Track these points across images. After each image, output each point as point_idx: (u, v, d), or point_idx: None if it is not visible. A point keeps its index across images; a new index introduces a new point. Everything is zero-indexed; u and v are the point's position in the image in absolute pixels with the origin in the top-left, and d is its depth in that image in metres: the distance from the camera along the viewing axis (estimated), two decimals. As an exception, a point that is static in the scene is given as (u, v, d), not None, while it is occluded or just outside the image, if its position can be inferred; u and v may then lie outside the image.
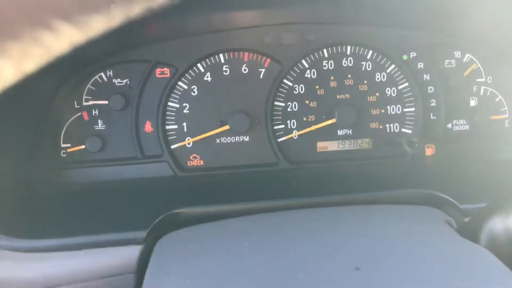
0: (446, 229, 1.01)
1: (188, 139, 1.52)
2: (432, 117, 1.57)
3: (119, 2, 0.36)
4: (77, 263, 1.06)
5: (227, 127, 1.51)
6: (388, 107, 1.56)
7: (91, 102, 1.49)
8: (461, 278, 0.79)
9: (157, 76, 1.49)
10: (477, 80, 1.57)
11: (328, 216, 1.07)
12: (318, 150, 1.56)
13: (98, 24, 0.32)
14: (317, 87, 1.54)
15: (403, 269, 0.82)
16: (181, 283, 0.83)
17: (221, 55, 1.51)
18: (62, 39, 0.30)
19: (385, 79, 1.55)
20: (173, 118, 1.51)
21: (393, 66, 1.55)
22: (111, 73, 1.49)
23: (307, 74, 1.54)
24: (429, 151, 1.56)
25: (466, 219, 1.11)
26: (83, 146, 1.49)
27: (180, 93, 1.51)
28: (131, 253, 1.06)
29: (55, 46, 0.30)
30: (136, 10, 0.36)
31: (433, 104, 1.56)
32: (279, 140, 1.55)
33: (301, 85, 1.54)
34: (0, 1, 0.29)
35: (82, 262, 1.06)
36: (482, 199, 1.12)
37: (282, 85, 1.53)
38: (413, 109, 1.56)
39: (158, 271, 0.92)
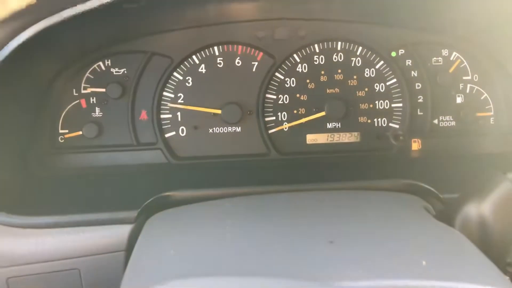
0: (422, 212, 1.06)
1: (182, 128, 1.58)
2: (419, 113, 1.62)
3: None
4: (72, 239, 1.12)
5: (218, 111, 1.56)
6: (377, 102, 1.61)
7: (89, 90, 1.54)
8: (433, 255, 0.84)
9: (153, 66, 1.55)
10: (464, 78, 1.62)
11: (311, 199, 1.12)
12: (307, 142, 1.61)
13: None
14: (308, 81, 1.59)
15: (376, 244, 0.87)
16: (166, 254, 0.88)
17: (215, 48, 1.57)
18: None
19: (374, 75, 1.60)
20: (168, 107, 1.57)
21: (382, 62, 1.60)
22: (109, 62, 1.54)
23: (299, 68, 1.59)
24: (415, 146, 1.61)
25: (444, 206, 1.16)
26: (80, 132, 1.54)
27: (175, 84, 1.56)
28: (123, 232, 1.12)
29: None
30: None
31: (420, 100, 1.61)
32: (270, 131, 1.60)
33: (293, 78, 1.59)
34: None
35: (76, 239, 1.12)
36: (462, 189, 1.17)
37: (274, 78, 1.59)
38: (400, 104, 1.61)
39: (144, 245, 0.97)
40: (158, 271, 0.81)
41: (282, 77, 1.59)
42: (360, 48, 1.59)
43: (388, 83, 1.61)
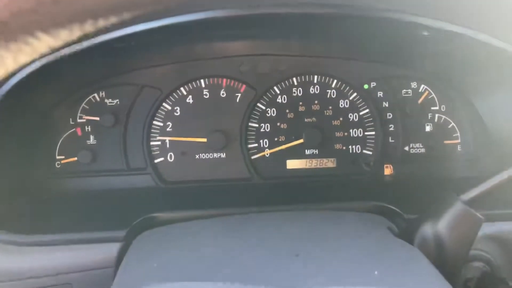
0: (384, 231, 1.17)
1: (170, 154, 1.69)
2: (390, 140, 1.74)
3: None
4: (65, 256, 1.19)
5: (204, 140, 1.68)
6: (351, 130, 1.73)
7: (84, 119, 1.66)
8: (387, 267, 0.94)
9: (144, 97, 1.67)
10: (432, 108, 1.75)
11: (283, 219, 1.22)
12: (287, 167, 1.72)
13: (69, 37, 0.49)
14: (287, 111, 1.71)
15: (337, 257, 0.97)
16: (149, 267, 0.99)
17: (202, 81, 1.69)
18: (43, 43, 0.47)
19: (348, 105, 1.73)
20: (157, 135, 1.68)
21: (355, 94, 1.72)
22: (103, 94, 1.66)
23: (279, 99, 1.72)
24: (387, 171, 1.73)
25: (404, 225, 1.27)
26: (76, 158, 1.65)
27: (164, 113, 1.68)
28: (112, 249, 1.19)
29: (38, 47, 0.47)
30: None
31: (391, 128, 1.74)
32: (253, 157, 1.71)
33: (273, 108, 1.71)
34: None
35: (69, 255, 1.20)
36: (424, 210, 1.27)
37: (256, 108, 1.71)
38: (373, 132, 1.73)
39: (130, 261, 1.07)
40: (140, 281, 0.92)
41: (264, 107, 1.71)
42: (335, 81, 1.72)
43: (361, 113, 1.73)
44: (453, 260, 1.11)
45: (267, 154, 1.72)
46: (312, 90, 1.72)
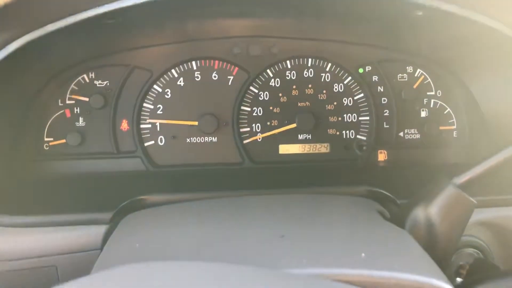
0: (374, 214, 1.15)
1: (161, 138, 1.67)
2: (385, 126, 1.71)
3: None
4: (50, 238, 1.18)
5: (195, 123, 1.66)
6: (345, 115, 1.70)
7: (73, 100, 1.63)
8: (374, 249, 0.91)
9: (134, 79, 1.64)
10: (428, 93, 1.72)
11: (271, 200, 1.21)
12: (280, 152, 1.70)
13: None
14: (280, 94, 1.69)
15: (323, 239, 0.95)
16: (132, 248, 0.96)
17: (193, 62, 1.66)
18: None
19: (342, 89, 1.70)
20: (148, 117, 1.66)
21: (349, 78, 1.70)
22: (93, 75, 1.63)
23: (272, 82, 1.69)
24: (381, 156, 1.70)
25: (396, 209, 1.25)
26: (64, 140, 1.62)
27: (154, 95, 1.65)
28: (98, 231, 1.18)
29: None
30: None
31: (386, 114, 1.71)
32: (244, 141, 1.69)
33: (266, 92, 1.69)
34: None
35: (54, 237, 1.18)
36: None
37: (249, 91, 1.68)
38: (367, 117, 1.71)
39: (114, 242, 1.05)
40: (122, 260, 0.90)
41: (256, 91, 1.68)
42: (329, 64, 1.69)
43: (355, 98, 1.70)
44: (445, 244, 1.09)
45: (259, 139, 1.69)
46: (306, 74, 1.69)
